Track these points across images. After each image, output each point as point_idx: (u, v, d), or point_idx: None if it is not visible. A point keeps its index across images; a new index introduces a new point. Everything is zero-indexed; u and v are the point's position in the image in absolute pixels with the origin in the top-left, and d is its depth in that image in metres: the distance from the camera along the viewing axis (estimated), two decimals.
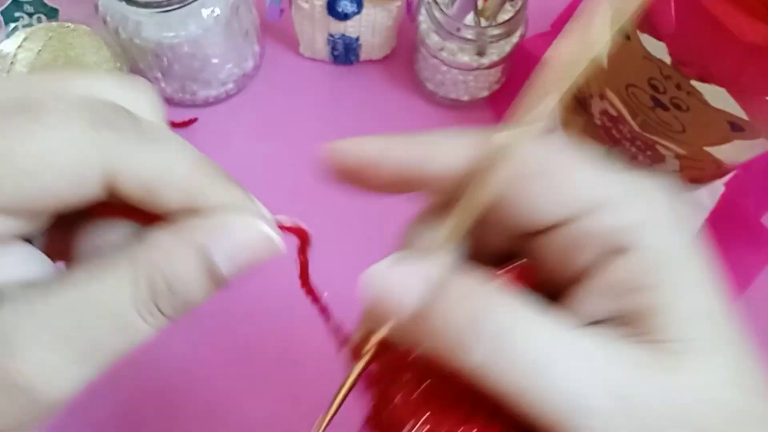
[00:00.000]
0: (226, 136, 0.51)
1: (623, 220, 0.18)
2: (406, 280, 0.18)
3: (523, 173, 0.18)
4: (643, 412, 0.16)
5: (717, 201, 0.45)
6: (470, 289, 0.17)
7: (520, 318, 0.17)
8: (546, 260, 0.19)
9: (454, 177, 0.19)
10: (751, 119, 0.32)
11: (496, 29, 0.44)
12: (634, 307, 0.17)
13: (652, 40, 0.33)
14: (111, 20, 0.44)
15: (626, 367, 0.17)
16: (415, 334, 0.18)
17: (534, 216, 0.18)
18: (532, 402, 0.16)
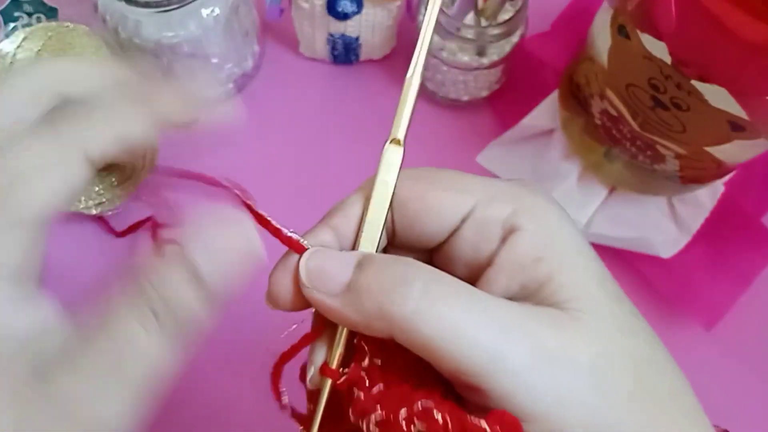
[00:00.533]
0: (225, 135, 0.51)
1: (505, 207, 0.21)
2: (339, 256, 0.21)
3: (425, 188, 0.22)
4: (558, 362, 0.19)
5: (717, 201, 0.45)
6: (394, 259, 0.20)
7: (441, 281, 0.19)
8: (458, 261, 0.22)
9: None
10: (751, 119, 0.32)
11: (496, 29, 0.44)
12: (532, 278, 0.20)
13: (652, 40, 0.33)
14: (110, 20, 0.44)
15: (541, 323, 0.19)
16: (351, 300, 0.20)
17: (441, 220, 0.22)
18: (454, 352, 0.18)
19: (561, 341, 0.19)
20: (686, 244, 0.45)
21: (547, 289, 0.20)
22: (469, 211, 0.21)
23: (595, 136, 0.42)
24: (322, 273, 0.20)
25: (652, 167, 0.40)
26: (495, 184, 0.22)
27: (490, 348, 0.18)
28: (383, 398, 0.20)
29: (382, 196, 0.22)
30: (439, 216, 0.22)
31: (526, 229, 0.21)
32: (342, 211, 0.23)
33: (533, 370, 0.18)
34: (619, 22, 0.35)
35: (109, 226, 0.47)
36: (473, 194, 0.22)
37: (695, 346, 0.45)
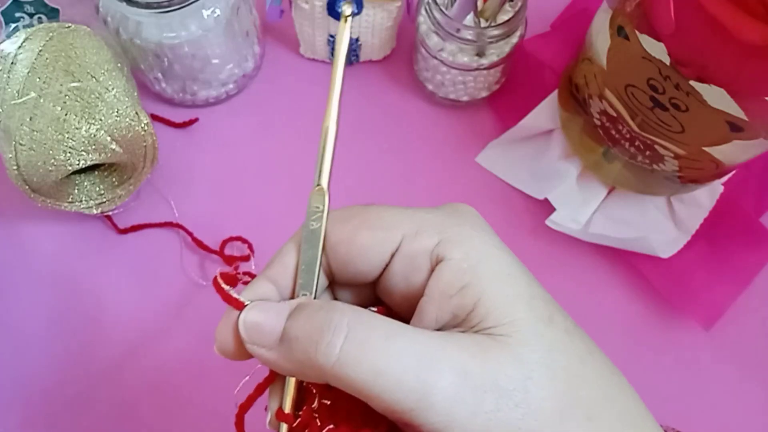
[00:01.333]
0: (226, 136, 0.51)
1: (431, 238, 0.22)
2: (273, 309, 0.21)
3: (351, 229, 0.23)
4: (485, 388, 0.19)
5: (716, 201, 0.45)
6: (321, 306, 0.21)
7: (364, 324, 0.20)
8: (394, 294, 0.23)
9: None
10: (750, 119, 0.32)
11: (495, 30, 0.44)
12: (459, 306, 0.21)
13: (651, 41, 0.33)
14: (111, 21, 0.44)
15: (466, 351, 0.20)
16: (285, 351, 0.21)
17: (370, 258, 0.22)
18: (385, 388, 0.19)
19: (485, 368, 0.19)
20: (685, 244, 0.45)
21: (475, 316, 0.20)
22: (397, 246, 0.22)
23: (594, 136, 0.42)
24: (257, 327, 0.21)
25: (651, 167, 0.40)
26: (421, 216, 0.22)
27: (414, 386, 0.19)
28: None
29: (312, 242, 0.23)
30: (368, 255, 0.22)
31: (450, 258, 0.21)
32: (278, 262, 0.24)
33: (458, 402, 0.19)
34: (618, 23, 0.35)
35: (112, 223, 0.47)
36: (399, 229, 0.22)
37: (694, 345, 0.45)
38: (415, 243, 0.22)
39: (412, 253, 0.22)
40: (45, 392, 0.44)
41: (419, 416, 0.19)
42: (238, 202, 0.48)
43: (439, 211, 0.23)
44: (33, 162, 0.40)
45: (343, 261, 0.23)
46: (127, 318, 0.45)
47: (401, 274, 0.22)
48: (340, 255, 0.23)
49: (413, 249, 0.22)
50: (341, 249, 0.23)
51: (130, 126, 0.42)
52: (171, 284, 0.46)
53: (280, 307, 0.22)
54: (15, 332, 0.45)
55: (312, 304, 0.21)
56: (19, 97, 0.40)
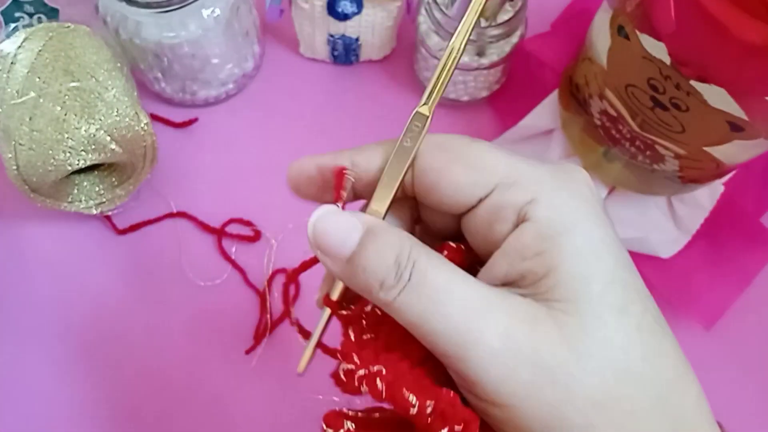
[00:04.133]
0: (226, 136, 0.51)
1: (524, 194, 0.21)
2: (345, 224, 0.21)
3: (447, 160, 0.22)
4: (523, 356, 0.19)
5: (716, 201, 0.45)
6: (394, 240, 0.21)
7: (429, 269, 0.20)
8: (476, 235, 0.22)
9: (378, 175, 0.23)
10: (750, 119, 0.32)
11: (495, 29, 0.44)
12: (531, 270, 0.20)
13: (651, 40, 0.33)
14: (111, 20, 0.44)
15: (516, 316, 0.19)
16: (349, 271, 0.21)
17: (457, 197, 0.22)
18: (431, 331, 0.19)
19: (531, 338, 0.19)
20: (686, 244, 0.45)
21: (543, 284, 0.20)
22: (488, 192, 0.21)
23: (594, 136, 0.42)
24: (327, 237, 0.21)
25: (652, 167, 0.40)
26: (522, 168, 0.21)
27: (455, 338, 0.19)
28: (363, 349, 0.21)
29: (401, 159, 0.22)
30: (455, 192, 0.22)
31: (536, 221, 0.20)
32: (363, 154, 0.23)
33: (494, 362, 0.19)
34: (619, 23, 0.35)
35: (111, 223, 0.47)
36: (495, 175, 0.21)
37: (694, 345, 0.45)
38: (507, 194, 0.21)
39: (501, 204, 0.21)
40: (45, 392, 0.44)
41: (457, 365, 0.19)
42: (238, 201, 0.48)
43: (544, 168, 0.22)
44: (32, 162, 0.40)
45: (428, 189, 0.22)
46: (127, 318, 0.45)
47: (486, 220, 0.22)
48: (426, 182, 0.22)
49: (503, 200, 0.21)
50: (430, 176, 0.22)
51: (129, 126, 0.42)
52: (170, 284, 0.46)
53: (353, 223, 0.21)
54: (14, 332, 0.45)
55: (385, 233, 0.21)
56: (19, 96, 0.40)
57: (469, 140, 0.22)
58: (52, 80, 0.40)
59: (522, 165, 0.21)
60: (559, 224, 0.20)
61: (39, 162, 0.40)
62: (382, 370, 0.20)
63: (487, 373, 0.19)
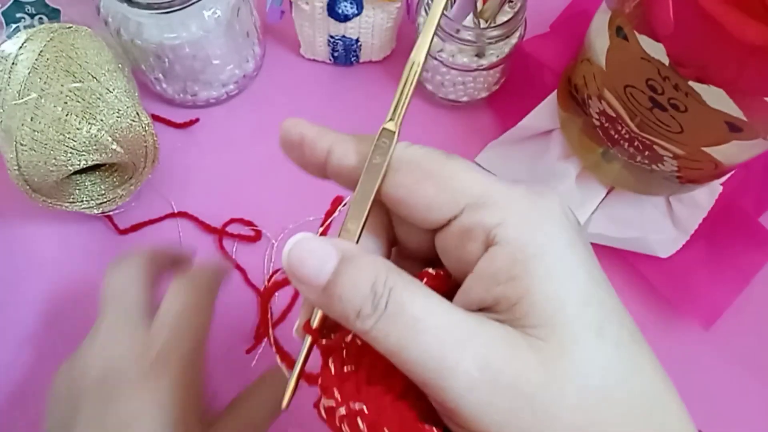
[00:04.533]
0: (226, 136, 0.51)
1: (493, 215, 0.20)
2: (320, 252, 0.21)
3: (418, 177, 0.22)
4: (501, 384, 0.19)
5: (715, 201, 0.45)
6: (369, 268, 0.20)
7: (411, 292, 0.20)
8: (448, 254, 0.22)
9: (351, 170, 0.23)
10: (749, 120, 0.33)
11: (495, 30, 0.44)
12: (505, 296, 0.20)
13: (650, 41, 0.33)
14: (112, 21, 0.44)
15: (493, 343, 0.19)
16: (326, 300, 0.20)
17: (428, 214, 0.21)
18: (408, 360, 0.19)
19: (509, 366, 0.19)
20: (684, 244, 0.45)
21: (518, 309, 0.20)
22: (458, 213, 0.21)
23: (593, 136, 0.42)
24: (301, 267, 0.21)
25: (651, 167, 0.40)
26: (493, 188, 0.21)
27: (433, 366, 0.19)
28: (344, 382, 0.21)
29: (371, 176, 0.22)
30: (426, 210, 0.22)
31: (506, 244, 0.20)
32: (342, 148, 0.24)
33: (473, 390, 0.19)
34: (617, 24, 0.35)
35: (112, 223, 0.47)
36: (465, 195, 0.21)
37: (693, 345, 0.46)
38: (476, 215, 0.21)
39: (470, 225, 0.21)
40: (45, 393, 0.44)
41: (436, 393, 0.19)
42: (238, 201, 0.49)
43: (516, 190, 0.21)
44: (34, 162, 0.40)
45: (398, 204, 0.22)
46: None
47: (456, 240, 0.21)
48: (396, 197, 0.22)
49: (472, 221, 0.21)
50: (400, 192, 0.22)
51: (131, 126, 0.42)
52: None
53: (328, 251, 0.21)
54: (15, 332, 0.45)
55: (360, 261, 0.21)
56: (20, 97, 0.40)
57: (444, 157, 0.22)
58: (54, 81, 0.40)
59: (494, 186, 0.21)
60: (530, 247, 0.20)
61: (40, 162, 0.41)
62: (363, 408, 0.20)
63: (466, 402, 0.19)
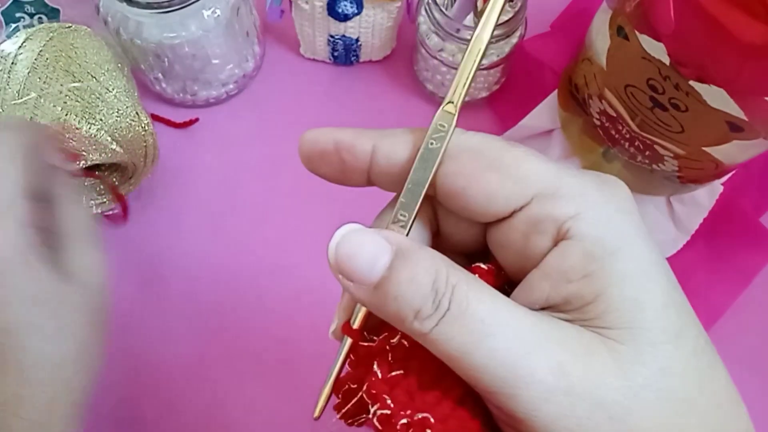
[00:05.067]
0: (226, 136, 0.51)
1: (567, 207, 0.19)
2: (372, 246, 0.19)
3: (479, 166, 0.20)
4: (578, 391, 0.17)
5: (716, 201, 0.45)
6: (428, 264, 0.19)
7: (469, 296, 0.18)
8: (506, 249, 0.20)
9: (401, 166, 0.21)
10: (750, 119, 0.32)
11: (495, 30, 0.44)
12: (577, 295, 0.18)
13: (650, 41, 0.33)
14: (112, 21, 0.44)
15: (568, 347, 0.18)
16: (378, 299, 0.19)
17: (489, 206, 0.20)
18: (472, 366, 0.17)
19: (586, 373, 0.17)
20: (685, 244, 0.45)
21: (591, 310, 0.18)
22: (525, 204, 0.19)
23: (593, 136, 0.42)
24: (351, 262, 0.19)
25: (651, 167, 0.40)
26: (563, 178, 0.19)
27: (503, 374, 0.17)
28: (394, 388, 0.19)
29: (427, 162, 0.20)
30: (488, 202, 0.19)
31: (582, 239, 0.18)
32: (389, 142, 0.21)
33: (547, 400, 0.17)
34: (618, 23, 0.35)
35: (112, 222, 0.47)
36: (533, 185, 0.19)
37: None
38: (547, 206, 0.19)
39: (540, 217, 0.19)
40: None
41: (504, 402, 0.18)
42: (238, 201, 0.49)
43: (586, 178, 0.20)
44: None
45: (454, 195, 0.20)
46: (128, 317, 0.45)
47: (521, 234, 0.19)
48: (453, 187, 0.20)
49: (542, 212, 0.19)
50: (458, 182, 0.20)
51: (130, 126, 0.42)
52: (171, 284, 0.46)
53: (382, 245, 0.19)
54: None
55: (418, 256, 0.19)
56: (20, 97, 0.40)
57: (505, 144, 0.20)
58: (53, 81, 0.40)
59: (564, 175, 0.19)
60: (607, 243, 0.18)
61: None
62: (429, 417, 0.18)
63: (540, 412, 0.17)
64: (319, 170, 0.22)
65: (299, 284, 0.45)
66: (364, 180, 0.22)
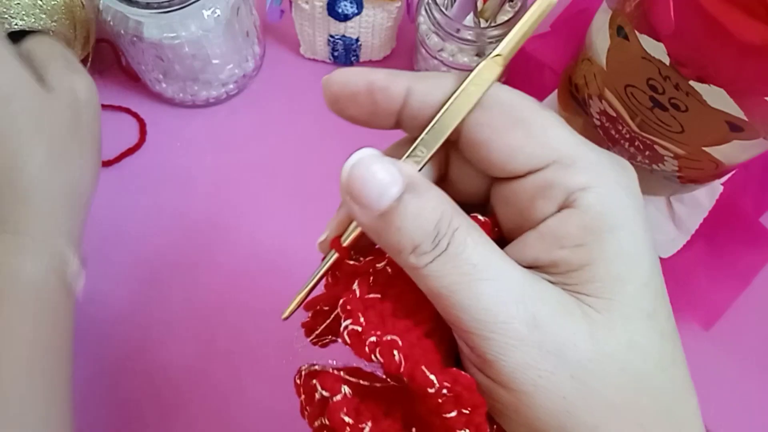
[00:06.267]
0: (226, 136, 0.51)
1: (580, 178, 0.19)
2: (385, 175, 0.19)
3: (508, 121, 0.20)
4: (548, 346, 0.18)
5: (715, 201, 0.45)
6: (436, 202, 0.19)
7: (473, 238, 0.19)
8: (510, 206, 0.21)
9: (434, 109, 0.21)
10: (749, 119, 0.32)
11: (495, 30, 0.44)
12: (566, 260, 0.19)
13: (650, 41, 0.33)
14: (112, 20, 0.44)
15: (547, 304, 0.19)
16: (380, 227, 0.19)
17: (508, 162, 0.20)
18: (456, 305, 0.19)
19: (558, 330, 0.18)
20: (685, 244, 0.45)
21: (576, 276, 0.19)
22: (543, 167, 0.20)
23: (593, 136, 0.42)
24: (362, 187, 0.19)
25: (651, 167, 0.40)
26: (583, 150, 0.20)
27: (481, 317, 0.18)
28: (369, 309, 0.20)
29: (459, 105, 0.20)
30: (508, 157, 0.20)
31: (584, 210, 0.19)
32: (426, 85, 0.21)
33: (521, 348, 0.18)
34: (618, 23, 0.35)
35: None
36: (555, 151, 0.20)
37: (693, 345, 0.45)
38: (561, 174, 0.19)
39: (552, 183, 0.20)
40: None
41: (477, 343, 0.19)
42: (238, 202, 0.49)
43: (603, 155, 0.20)
44: None
45: (476, 144, 0.20)
46: (128, 319, 0.45)
47: (529, 194, 0.20)
48: (477, 137, 0.20)
49: (556, 179, 0.20)
50: (483, 132, 0.20)
51: None
52: (172, 285, 0.46)
53: (394, 175, 0.19)
54: None
55: (428, 194, 0.19)
56: None
57: (538, 107, 0.21)
58: None
59: (584, 148, 0.20)
60: (608, 219, 0.19)
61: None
62: (397, 340, 0.19)
63: (509, 358, 0.18)
64: (346, 111, 0.22)
65: (299, 284, 0.45)
66: (392, 122, 0.22)
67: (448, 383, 0.19)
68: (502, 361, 0.18)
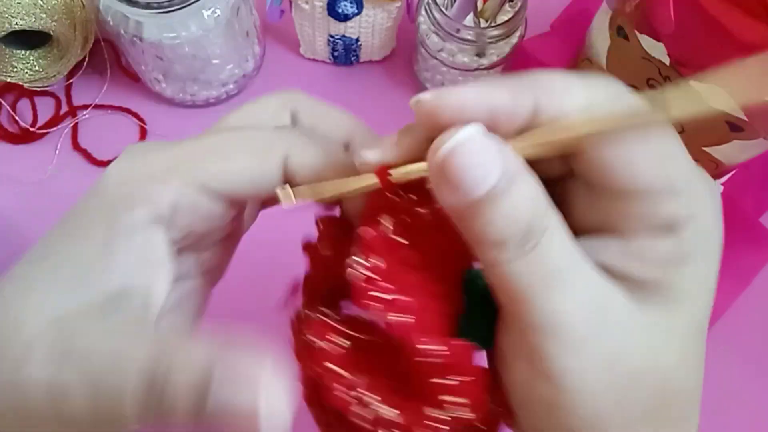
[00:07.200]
0: None
1: (685, 209, 0.19)
2: (489, 160, 0.17)
3: (634, 137, 0.19)
4: (609, 354, 0.18)
5: None
6: (538, 196, 0.18)
7: (561, 240, 0.18)
8: (595, 211, 0.20)
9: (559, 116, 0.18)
10: (749, 119, 0.33)
11: (495, 30, 0.44)
12: (646, 279, 0.19)
13: (650, 41, 0.33)
14: (112, 20, 0.44)
15: (616, 313, 0.18)
16: (467, 213, 0.17)
17: (626, 178, 0.18)
18: (530, 304, 0.18)
19: (623, 340, 0.18)
20: None
21: (649, 292, 0.19)
22: (653, 189, 0.19)
23: None
24: (460, 169, 0.17)
25: None
26: (694, 180, 0.19)
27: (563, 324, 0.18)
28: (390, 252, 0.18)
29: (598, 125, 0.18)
30: (624, 173, 0.18)
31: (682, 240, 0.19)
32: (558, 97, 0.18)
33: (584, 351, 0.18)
34: (618, 24, 0.35)
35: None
36: (669, 179, 0.19)
37: None
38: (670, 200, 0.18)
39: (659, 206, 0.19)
40: None
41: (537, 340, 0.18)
42: None
43: (708, 186, 0.20)
44: None
45: (602, 159, 0.19)
46: None
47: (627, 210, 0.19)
48: (604, 152, 0.18)
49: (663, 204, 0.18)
50: (611, 145, 0.18)
51: None
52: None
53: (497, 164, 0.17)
54: None
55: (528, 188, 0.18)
56: None
57: (665, 127, 0.20)
58: None
59: (695, 175, 0.19)
60: (700, 252, 0.19)
61: None
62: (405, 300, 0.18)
63: (569, 359, 0.18)
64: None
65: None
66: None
67: (448, 351, 0.18)
68: (559, 359, 0.18)
